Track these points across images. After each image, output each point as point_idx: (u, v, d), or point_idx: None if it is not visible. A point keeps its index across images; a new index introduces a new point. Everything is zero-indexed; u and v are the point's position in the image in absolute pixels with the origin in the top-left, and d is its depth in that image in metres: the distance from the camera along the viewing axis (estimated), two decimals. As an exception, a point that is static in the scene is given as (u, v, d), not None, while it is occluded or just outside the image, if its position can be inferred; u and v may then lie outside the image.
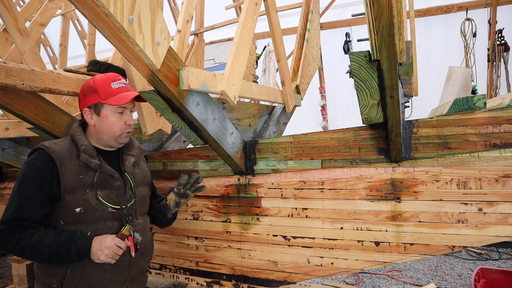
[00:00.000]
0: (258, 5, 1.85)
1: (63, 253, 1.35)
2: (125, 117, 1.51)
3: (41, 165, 1.39)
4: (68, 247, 1.36)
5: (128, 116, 1.52)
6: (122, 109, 1.49)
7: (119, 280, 1.50)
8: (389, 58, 1.20)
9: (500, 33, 4.77)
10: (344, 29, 5.81)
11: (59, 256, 1.36)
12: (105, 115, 1.48)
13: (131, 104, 1.53)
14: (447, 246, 1.57)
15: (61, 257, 1.36)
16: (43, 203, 1.38)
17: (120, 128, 1.50)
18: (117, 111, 1.48)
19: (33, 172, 1.39)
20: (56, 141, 1.50)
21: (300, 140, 1.83)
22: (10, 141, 2.57)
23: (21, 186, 1.38)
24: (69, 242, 1.36)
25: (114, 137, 1.51)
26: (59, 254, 1.35)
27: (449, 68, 3.61)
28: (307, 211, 1.80)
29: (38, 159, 1.41)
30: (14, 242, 1.34)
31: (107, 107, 1.47)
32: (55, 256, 1.36)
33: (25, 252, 1.36)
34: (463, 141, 1.54)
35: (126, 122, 1.51)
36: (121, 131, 1.51)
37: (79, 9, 0.99)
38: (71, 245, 1.36)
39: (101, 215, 1.44)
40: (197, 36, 4.03)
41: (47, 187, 1.37)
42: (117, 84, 1.49)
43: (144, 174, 1.70)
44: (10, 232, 1.34)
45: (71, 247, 1.36)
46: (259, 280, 1.94)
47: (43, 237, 1.35)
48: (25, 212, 1.36)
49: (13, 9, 2.33)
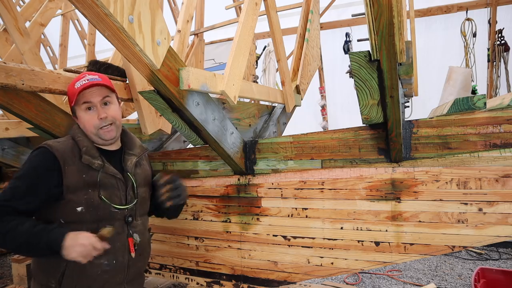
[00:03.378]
0: (258, 5, 1.85)
1: (33, 242, 1.29)
2: (95, 112, 1.47)
3: (43, 161, 1.38)
4: (39, 238, 1.29)
5: (99, 111, 1.47)
6: (87, 104, 1.46)
7: (117, 280, 1.49)
8: (389, 58, 1.20)
9: (500, 33, 4.77)
10: (344, 29, 5.80)
11: (28, 246, 1.30)
12: (79, 116, 1.48)
13: (95, 98, 1.47)
14: (447, 246, 1.57)
15: (31, 247, 1.30)
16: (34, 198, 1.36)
17: (94, 124, 1.46)
18: (85, 108, 1.47)
19: (33, 168, 1.38)
20: (59, 140, 1.49)
21: (300, 140, 1.83)
22: (10, 141, 2.57)
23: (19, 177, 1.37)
24: (41, 232, 1.30)
25: (94, 135, 1.48)
26: (29, 243, 1.29)
27: (449, 68, 3.61)
28: (307, 211, 1.80)
29: (41, 157, 1.40)
30: None
31: (77, 108, 1.48)
32: (24, 246, 1.30)
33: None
34: (463, 141, 1.54)
35: (98, 116, 1.46)
36: (96, 127, 1.46)
37: (79, 9, 0.99)
38: (43, 236, 1.30)
39: (102, 215, 1.43)
40: (197, 36, 4.03)
41: (45, 183, 1.36)
42: (80, 82, 1.45)
43: (146, 174, 1.68)
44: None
45: (42, 238, 1.29)
46: (259, 280, 1.94)
47: (19, 225, 1.30)
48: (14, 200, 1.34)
49: (13, 9, 2.33)
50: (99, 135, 1.49)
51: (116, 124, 1.52)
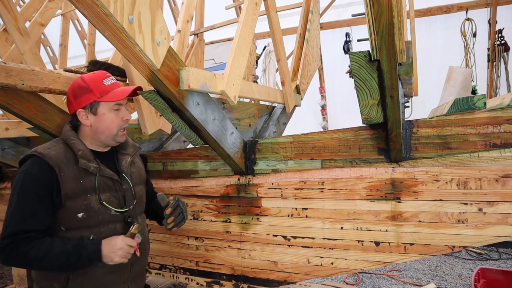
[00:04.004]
0: (258, 5, 1.85)
1: (73, 260, 1.32)
2: (121, 113, 1.50)
3: (38, 173, 1.33)
4: (79, 254, 1.32)
5: (124, 112, 1.51)
6: (118, 105, 1.48)
7: (121, 280, 1.50)
8: (389, 58, 1.20)
9: (500, 33, 4.77)
10: (344, 29, 5.81)
11: (69, 264, 1.32)
12: (102, 113, 1.45)
13: (125, 100, 1.52)
14: (447, 246, 1.57)
15: (72, 265, 1.33)
16: (47, 212, 1.34)
17: (118, 125, 1.49)
18: (114, 108, 1.47)
19: (31, 182, 1.33)
20: (48, 145, 1.42)
21: (300, 140, 1.83)
22: (10, 141, 2.57)
23: (21, 198, 1.32)
24: (78, 248, 1.33)
25: (112, 135, 1.49)
26: (69, 262, 1.31)
27: (449, 68, 3.61)
28: (307, 211, 1.80)
29: (35, 166, 1.34)
30: (22, 256, 1.29)
31: (103, 105, 1.45)
32: (65, 265, 1.32)
33: (33, 264, 1.32)
34: (463, 141, 1.54)
35: (123, 118, 1.50)
36: (119, 127, 1.49)
37: (79, 9, 0.99)
38: (81, 251, 1.33)
39: (104, 218, 1.43)
40: (197, 36, 4.03)
41: (47, 195, 1.33)
42: (109, 81, 1.48)
43: (140, 173, 1.69)
44: (15, 247, 1.29)
45: (82, 253, 1.32)
46: (259, 280, 1.94)
47: (51, 247, 1.31)
48: (30, 223, 1.32)
49: (13, 9, 2.33)
50: (116, 137, 1.50)
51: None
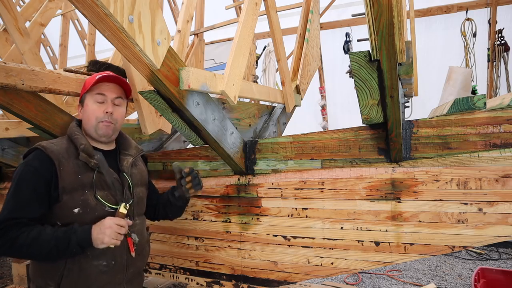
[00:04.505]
0: (258, 5, 1.85)
1: (62, 246, 1.31)
2: (104, 106, 1.49)
3: (39, 165, 1.36)
4: (68, 240, 1.31)
5: (108, 106, 1.50)
6: (102, 97, 1.49)
7: (116, 281, 1.49)
8: (389, 58, 1.20)
9: (500, 33, 4.77)
10: (344, 29, 5.81)
11: (58, 250, 1.31)
12: (86, 104, 1.50)
13: (112, 94, 1.50)
14: (447, 246, 1.57)
15: (61, 251, 1.31)
16: (41, 203, 1.35)
17: (97, 116, 1.48)
18: (98, 100, 1.48)
19: (30, 172, 1.35)
20: (53, 141, 1.47)
21: (300, 140, 1.83)
22: (10, 141, 2.57)
23: (17, 187, 1.35)
24: (68, 234, 1.32)
25: (92, 126, 1.49)
26: (58, 248, 1.31)
27: (449, 68, 3.61)
28: (307, 211, 1.80)
29: (36, 159, 1.38)
30: (11, 241, 1.28)
31: (89, 96, 1.50)
32: (54, 251, 1.31)
33: (23, 250, 1.30)
34: (463, 141, 1.54)
35: (104, 110, 1.49)
36: (98, 119, 1.48)
37: (79, 9, 0.99)
38: (71, 236, 1.32)
39: (100, 215, 1.42)
40: (197, 36, 4.03)
41: (44, 188, 1.35)
42: (102, 75, 1.49)
43: (142, 175, 1.69)
44: (5, 233, 1.29)
45: (71, 239, 1.32)
46: (259, 280, 1.94)
47: (41, 233, 1.31)
48: (23, 211, 1.33)
49: (13, 9, 2.33)
50: (97, 128, 1.49)
51: (116, 126, 1.54)
